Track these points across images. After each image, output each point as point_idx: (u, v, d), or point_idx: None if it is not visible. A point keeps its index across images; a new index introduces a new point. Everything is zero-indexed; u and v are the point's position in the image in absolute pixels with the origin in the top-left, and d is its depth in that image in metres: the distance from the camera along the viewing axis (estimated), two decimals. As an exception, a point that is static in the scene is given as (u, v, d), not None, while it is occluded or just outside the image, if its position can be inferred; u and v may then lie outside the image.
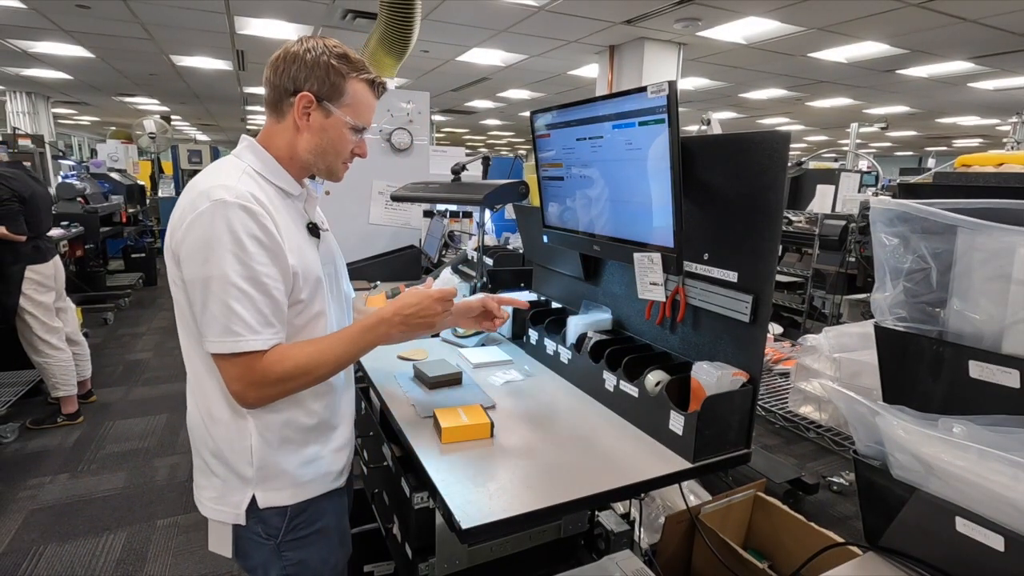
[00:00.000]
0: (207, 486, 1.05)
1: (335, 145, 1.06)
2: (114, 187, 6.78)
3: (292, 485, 1.04)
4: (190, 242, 0.92)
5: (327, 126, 1.03)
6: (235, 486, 1.02)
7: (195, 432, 1.06)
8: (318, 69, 1.00)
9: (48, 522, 2.44)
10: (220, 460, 1.02)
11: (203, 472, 1.06)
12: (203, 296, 0.91)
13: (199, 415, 1.04)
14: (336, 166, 1.09)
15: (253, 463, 1.01)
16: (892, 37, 5.03)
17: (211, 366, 0.98)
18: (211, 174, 0.98)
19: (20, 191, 3.03)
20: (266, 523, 1.03)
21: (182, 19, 5.15)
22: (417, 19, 3.37)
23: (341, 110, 1.03)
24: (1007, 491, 0.77)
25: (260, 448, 1.01)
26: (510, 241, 3.56)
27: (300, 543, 1.06)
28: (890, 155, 18.45)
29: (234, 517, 1.02)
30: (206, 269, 0.90)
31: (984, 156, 1.72)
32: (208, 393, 1.01)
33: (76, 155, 13.94)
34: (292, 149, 1.05)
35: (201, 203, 0.91)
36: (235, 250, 0.90)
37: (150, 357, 4.57)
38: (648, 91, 1.19)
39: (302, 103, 1.01)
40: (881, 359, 1.03)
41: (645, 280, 1.37)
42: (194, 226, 0.91)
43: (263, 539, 1.04)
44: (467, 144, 18.22)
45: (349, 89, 1.03)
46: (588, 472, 1.12)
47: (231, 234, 0.90)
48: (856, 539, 1.07)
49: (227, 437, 1.01)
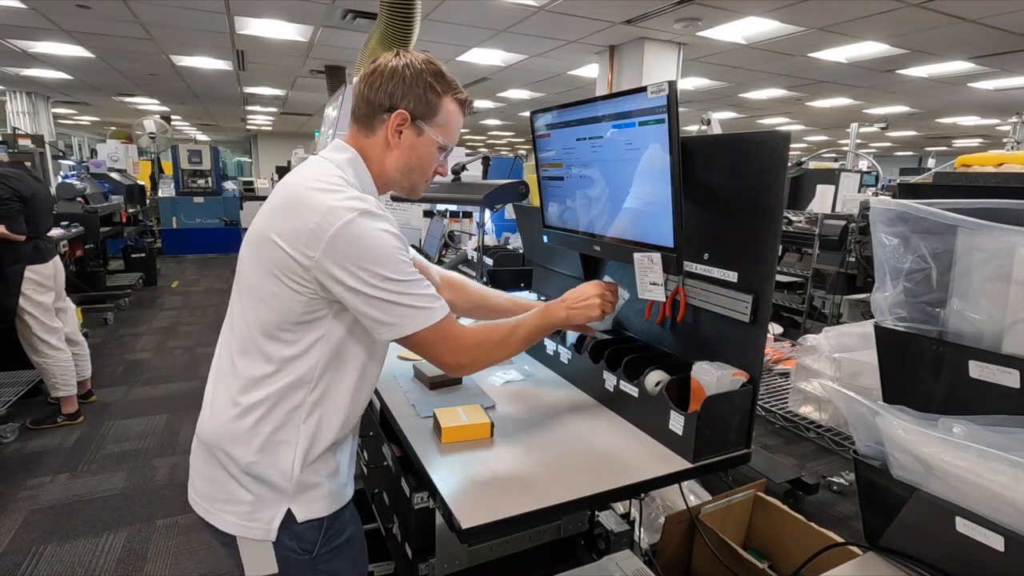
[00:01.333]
0: (232, 502, 0.98)
1: (423, 163, 1.06)
2: (114, 187, 6.79)
3: (326, 496, 1.02)
4: (341, 253, 0.90)
5: (418, 144, 1.04)
6: (269, 500, 0.97)
7: (228, 444, 0.98)
8: (416, 87, 1.00)
9: (48, 522, 2.44)
10: (252, 474, 0.97)
11: (224, 487, 0.99)
12: (382, 296, 0.92)
13: (240, 427, 0.97)
14: (419, 184, 1.10)
15: (292, 476, 0.97)
16: (892, 37, 5.03)
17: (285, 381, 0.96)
18: (330, 185, 0.95)
19: (21, 191, 3.03)
20: (301, 538, 1.00)
21: (182, 19, 5.15)
22: (417, 19, 3.37)
23: (433, 129, 1.04)
24: (1007, 491, 0.77)
25: (301, 461, 0.98)
26: (510, 241, 3.56)
27: (333, 554, 1.04)
28: (890, 155, 18.45)
29: (264, 534, 0.98)
30: (379, 272, 0.91)
31: (984, 156, 1.72)
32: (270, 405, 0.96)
33: (76, 155, 13.94)
34: (380, 165, 1.05)
35: (343, 215, 0.90)
36: (388, 251, 0.93)
37: (150, 357, 4.57)
38: (648, 91, 1.19)
39: (396, 121, 1.01)
40: (881, 359, 1.03)
41: (645, 280, 1.37)
42: (345, 237, 0.89)
43: (298, 554, 1.00)
44: (467, 144, 18.23)
45: (443, 108, 1.03)
46: (588, 472, 1.12)
47: (382, 239, 0.92)
48: (856, 539, 1.07)
49: (269, 450, 0.96)
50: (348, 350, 1.00)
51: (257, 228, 0.97)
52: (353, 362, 1.01)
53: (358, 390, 1.03)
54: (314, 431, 0.98)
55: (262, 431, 0.96)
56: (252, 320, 0.97)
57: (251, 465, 0.96)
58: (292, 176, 1.01)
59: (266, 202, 1.00)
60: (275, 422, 0.96)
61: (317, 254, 0.90)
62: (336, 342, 0.98)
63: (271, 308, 0.95)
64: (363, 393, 1.05)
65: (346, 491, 1.08)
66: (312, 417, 0.98)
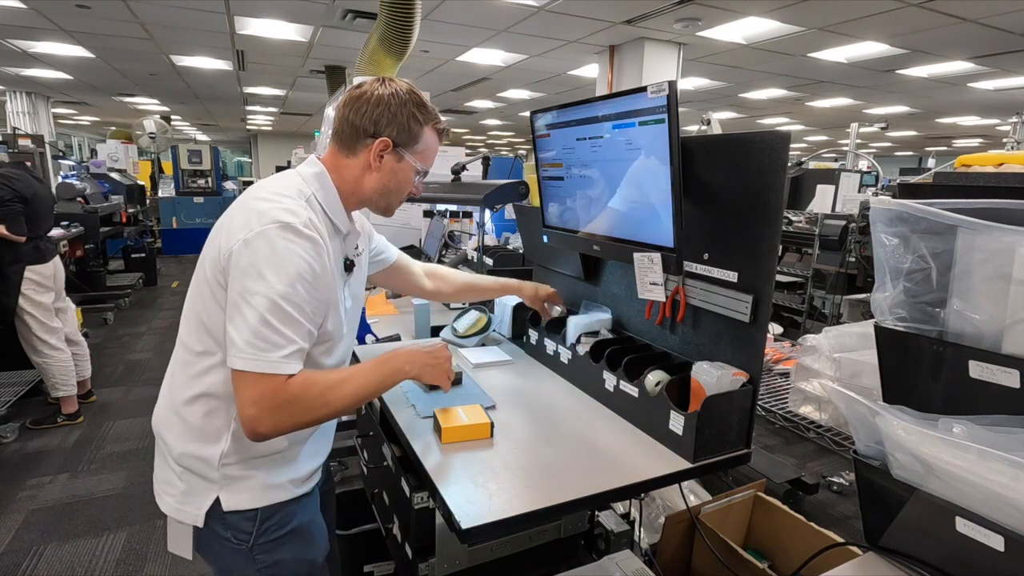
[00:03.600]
0: (169, 484, 1.05)
1: (400, 187, 1.11)
2: (114, 187, 6.78)
3: (260, 488, 1.03)
4: (248, 256, 0.91)
5: (397, 169, 1.08)
6: (197, 488, 1.02)
7: (165, 431, 1.05)
8: (400, 116, 1.04)
9: (48, 522, 2.44)
10: (182, 464, 1.02)
11: (163, 471, 1.07)
12: (244, 310, 0.89)
13: (175, 414, 1.03)
14: (394, 204, 1.14)
15: (217, 467, 1.00)
16: (892, 37, 5.03)
17: (216, 376, 0.98)
18: (276, 194, 0.98)
19: (23, 192, 3.02)
20: (235, 528, 1.02)
21: (182, 19, 5.15)
22: (417, 19, 3.37)
23: (413, 156, 1.08)
24: (1007, 491, 0.77)
25: (227, 453, 1.00)
26: (510, 241, 3.56)
27: (272, 545, 1.05)
28: (890, 155, 18.44)
29: (193, 519, 1.02)
30: (256, 286, 0.90)
31: (984, 156, 1.72)
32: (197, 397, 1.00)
33: (76, 155, 13.96)
34: (357, 185, 1.08)
35: (265, 221, 0.92)
36: (291, 275, 0.91)
37: (150, 357, 4.57)
38: (648, 91, 1.19)
39: (379, 147, 1.04)
40: (881, 359, 1.03)
41: (645, 280, 1.37)
42: (255, 243, 0.91)
43: (234, 544, 1.03)
44: (467, 144, 18.23)
45: (423, 137, 1.08)
46: (588, 472, 1.12)
47: (291, 258, 0.91)
48: (856, 539, 1.07)
49: (198, 441, 1.01)
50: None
51: (213, 229, 1.02)
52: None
53: None
54: (239, 431, 0.98)
55: (193, 422, 1.01)
56: (191, 314, 1.01)
57: (182, 456, 1.01)
58: (254, 186, 1.05)
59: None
60: (205, 415, 1.00)
61: (228, 252, 0.92)
62: None
63: (205, 305, 0.98)
64: None
65: (295, 487, 1.08)
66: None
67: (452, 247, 3.22)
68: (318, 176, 1.05)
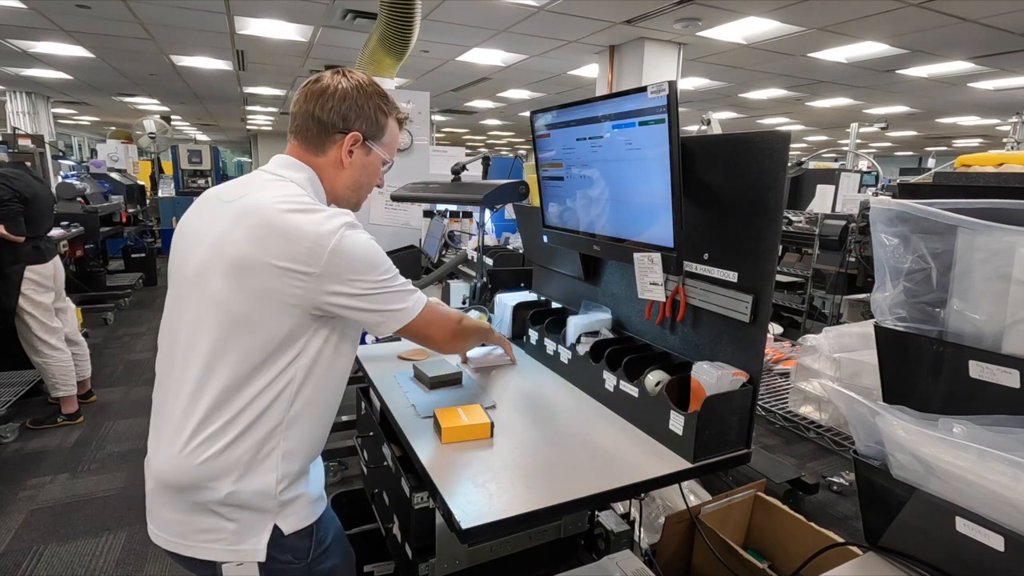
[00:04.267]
0: (212, 531, 0.95)
1: (370, 179, 1.11)
2: (114, 187, 6.77)
3: (309, 504, 1.02)
4: (344, 263, 0.92)
5: (367, 163, 1.08)
6: (253, 523, 0.95)
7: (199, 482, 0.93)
8: (368, 109, 1.03)
9: (48, 522, 2.44)
10: (233, 504, 0.94)
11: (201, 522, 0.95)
12: (381, 296, 0.98)
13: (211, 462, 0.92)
14: (363, 198, 1.14)
15: (275, 496, 0.95)
16: (892, 37, 5.03)
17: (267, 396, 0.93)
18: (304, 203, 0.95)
19: (23, 192, 3.02)
20: (294, 549, 0.99)
21: (182, 19, 5.15)
22: (417, 19, 3.37)
23: (380, 148, 1.09)
24: (1007, 491, 0.77)
25: (282, 480, 0.96)
26: (510, 241, 3.56)
27: (325, 555, 1.05)
28: (890, 155, 18.44)
29: (253, 555, 0.95)
30: (369, 276, 0.96)
31: (984, 156, 1.72)
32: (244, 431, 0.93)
33: (76, 155, 13.95)
34: (332, 184, 1.07)
35: (332, 230, 0.92)
36: (376, 254, 0.98)
37: (150, 357, 4.57)
38: (648, 91, 1.19)
39: (350, 142, 1.04)
40: (881, 359, 1.03)
41: (645, 280, 1.37)
42: (342, 250, 0.92)
43: (295, 564, 1.00)
44: (467, 144, 18.22)
45: (389, 128, 1.09)
46: (588, 472, 1.12)
47: (368, 245, 0.97)
48: (856, 539, 1.07)
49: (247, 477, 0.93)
50: (322, 363, 0.99)
51: (231, 254, 0.91)
52: (327, 374, 1.00)
53: (332, 400, 1.05)
54: (293, 448, 0.97)
55: (242, 460, 0.93)
56: (231, 347, 0.91)
57: (231, 495, 0.92)
58: (258, 200, 0.95)
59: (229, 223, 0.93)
60: (253, 447, 0.93)
61: (318, 271, 0.91)
62: (311, 357, 0.97)
63: (254, 333, 0.91)
64: (335, 402, 1.07)
65: (323, 493, 1.09)
66: (290, 434, 0.96)
67: (452, 247, 3.22)
68: (310, 180, 1.03)
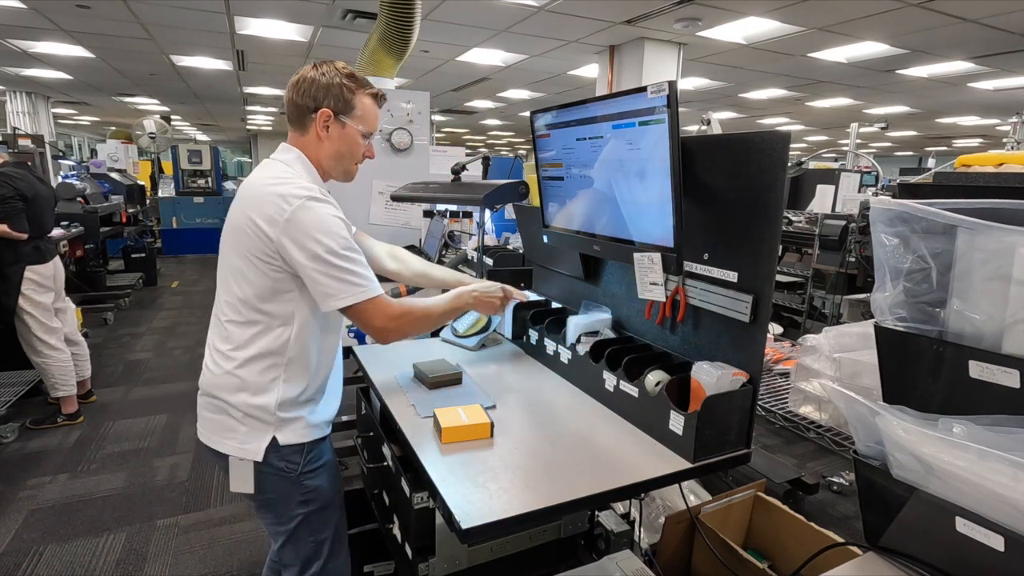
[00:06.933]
0: (231, 430, 1.23)
1: (351, 149, 1.27)
2: (114, 187, 6.77)
3: (305, 427, 1.25)
4: (297, 229, 1.11)
5: (343, 135, 1.25)
6: (258, 431, 1.21)
7: (221, 391, 1.23)
8: (332, 89, 1.21)
9: (48, 522, 2.44)
10: (245, 412, 1.21)
11: (225, 423, 1.24)
12: (320, 267, 1.12)
13: (231, 375, 1.21)
14: (351, 168, 1.31)
15: (274, 413, 1.21)
16: (892, 37, 5.03)
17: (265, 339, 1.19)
18: (281, 179, 1.18)
19: (23, 190, 3.02)
20: (287, 459, 1.23)
21: (182, 19, 5.15)
22: (417, 19, 3.37)
23: (353, 121, 1.25)
24: (1007, 491, 0.77)
25: (278, 402, 1.21)
26: (510, 241, 3.56)
27: (314, 474, 1.27)
28: (890, 155, 18.44)
29: (254, 454, 1.21)
30: (317, 247, 1.11)
31: (984, 156, 1.72)
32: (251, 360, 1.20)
33: (76, 155, 13.95)
34: (317, 157, 1.26)
35: (295, 199, 1.12)
36: (334, 229, 1.13)
37: (150, 357, 4.57)
38: (648, 91, 1.19)
39: (323, 118, 1.22)
40: (881, 359, 1.03)
41: (645, 280, 1.37)
42: (298, 216, 1.11)
43: (285, 473, 1.24)
44: (467, 144, 18.22)
45: (358, 103, 1.24)
46: (588, 472, 1.12)
47: (327, 218, 1.13)
48: (856, 539, 1.07)
49: (256, 395, 1.21)
50: (312, 324, 1.22)
51: (232, 221, 1.20)
52: (315, 333, 1.24)
53: (321, 355, 1.27)
54: (287, 382, 1.22)
55: (250, 380, 1.21)
56: (237, 294, 1.19)
57: (242, 405, 1.21)
58: (252, 177, 1.24)
59: (235, 200, 1.23)
60: (260, 372, 1.21)
61: (278, 232, 1.12)
62: (303, 318, 1.21)
63: (249, 284, 1.17)
64: (326, 356, 1.30)
65: (326, 427, 1.33)
66: (290, 371, 1.22)
67: (452, 247, 3.22)
68: (298, 159, 1.24)
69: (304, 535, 1.29)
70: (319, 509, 1.30)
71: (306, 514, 1.28)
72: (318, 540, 1.31)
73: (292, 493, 1.26)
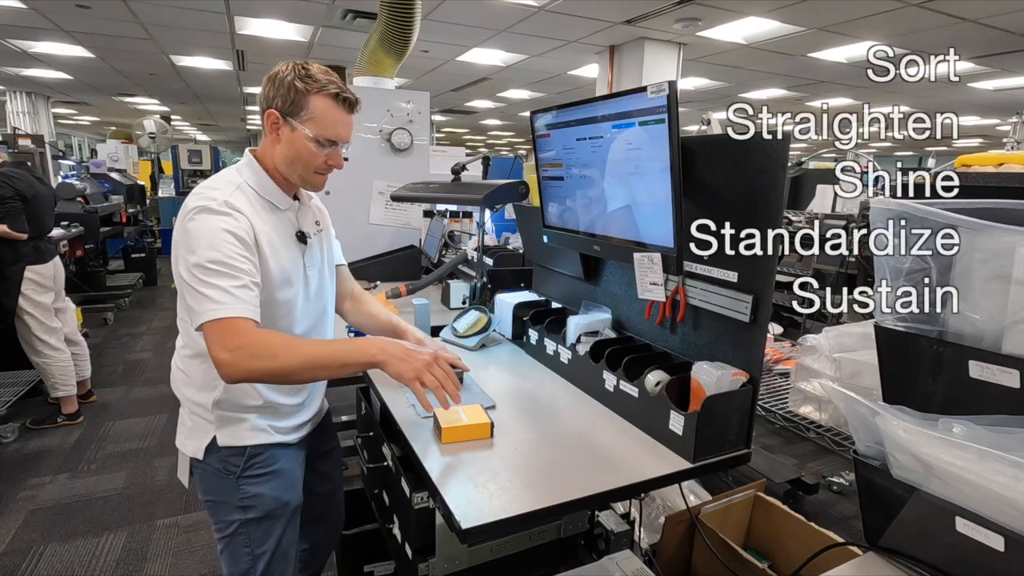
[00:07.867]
0: (182, 424, 1.26)
1: (301, 156, 1.15)
2: (114, 187, 6.78)
3: (249, 430, 1.21)
4: (177, 239, 1.09)
5: (292, 139, 1.15)
6: (201, 428, 1.21)
7: (176, 383, 1.27)
8: (282, 88, 1.13)
9: (48, 522, 2.44)
10: (189, 408, 1.23)
11: (182, 412, 1.27)
12: (185, 282, 1.06)
13: (180, 370, 1.26)
14: (308, 176, 1.19)
15: (212, 412, 1.19)
16: (892, 37, 5.03)
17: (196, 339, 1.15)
18: (205, 187, 1.15)
19: (23, 191, 3.02)
20: (225, 461, 1.20)
21: (182, 19, 5.15)
22: (417, 19, 3.37)
23: (303, 124, 1.13)
24: (1007, 491, 0.77)
25: (216, 402, 1.19)
26: (510, 241, 3.56)
27: (257, 480, 1.22)
28: (890, 155, 18.44)
29: (194, 451, 1.21)
30: (180, 265, 1.07)
31: (984, 156, 1.72)
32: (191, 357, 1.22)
33: (76, 155, 13.94)
34: (273, 162, 1.19)
35: (184, 213, 1.10)
36: (210, 242, 1.05)
37: (150, 357, 4.57)
38: (648, 91, 1.19)
39: (270, 119, 1.15)
40: (881, 359, 1.04)
41: (645, 280, 1.37)
42: (177, 232, 1.10)
43: (223, 475, 1.20)
44: (467, 144, 18.21)
45: (309, 105, 1.13)
46: (588, 472, 1.12)
47: (209, 231, 1.06)
48: (856, 539, 1.07)
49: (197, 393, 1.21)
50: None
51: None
52: None
53: None
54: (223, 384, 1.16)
55: (194, 375, 1.22)
56: (181, 310, 1.20)
57: (188, 401, 1.24)
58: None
59: None
60: (202, 370, 1.19)
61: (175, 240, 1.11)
62: None
63: (182, 302, 1.14)
64: None
65: (284, 434, 1.27)
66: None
67: (452, 247, 3.22)
68: (248, 164, 1.19)
69: (239, 545, 1.22)
70: (259, 519, 1.22)
71: (243, 521, 1.21)
72: (254, 554, 1.22)
73: (230, 496, 1.21)
